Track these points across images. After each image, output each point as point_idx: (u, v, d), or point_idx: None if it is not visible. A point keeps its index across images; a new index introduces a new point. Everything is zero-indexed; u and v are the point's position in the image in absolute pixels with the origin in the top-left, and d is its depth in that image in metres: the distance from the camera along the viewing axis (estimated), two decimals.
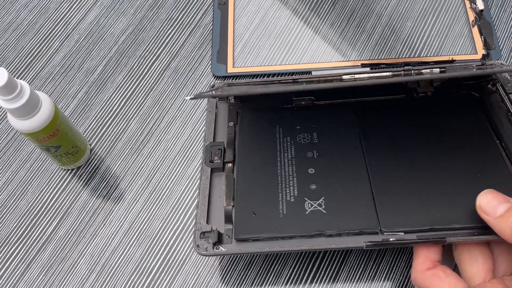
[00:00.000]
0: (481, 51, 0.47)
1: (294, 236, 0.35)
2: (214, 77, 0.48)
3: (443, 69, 0.42)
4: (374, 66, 0.47)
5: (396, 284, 0.38)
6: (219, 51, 0.48)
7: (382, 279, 0.38)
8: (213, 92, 0.42)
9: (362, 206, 0.36)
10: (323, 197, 0.37)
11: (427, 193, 0.36)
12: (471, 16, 0.49)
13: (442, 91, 0.44)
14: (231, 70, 0.47)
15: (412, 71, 0.42)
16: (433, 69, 0.42)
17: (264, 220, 0.36)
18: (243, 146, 0.40)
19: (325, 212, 0.36)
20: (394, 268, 0.39)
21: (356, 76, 0.42)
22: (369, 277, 0.38)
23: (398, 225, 0.35)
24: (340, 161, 0.39)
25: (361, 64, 0.47)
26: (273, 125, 0.41)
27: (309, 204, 0.36)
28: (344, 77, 0.42)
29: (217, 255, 0.35)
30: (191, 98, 0.36)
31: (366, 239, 0.34)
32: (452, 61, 0.45)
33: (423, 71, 0.42)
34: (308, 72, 0.47)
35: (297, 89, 0.40)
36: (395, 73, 0.43)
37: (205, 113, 0.45)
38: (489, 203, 0.32)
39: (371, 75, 0.42)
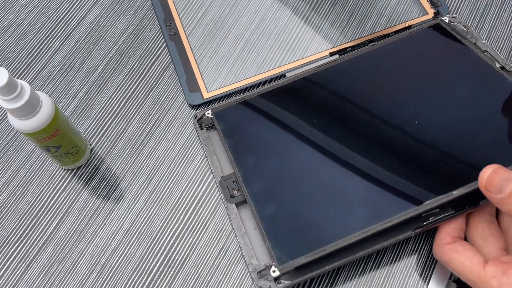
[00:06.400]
0: (431, 11, 0.49)
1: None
2: (192, 107, 0.46)
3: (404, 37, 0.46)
4: (341, 52, 0.48)
5: (396, 284, 0.38)
6: (188, 80, 0.47)
7: (382, 279, 0.38)
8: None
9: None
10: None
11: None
12: None
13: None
14: (207, 95, 0.46)
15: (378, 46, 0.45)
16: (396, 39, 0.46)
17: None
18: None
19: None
20: (394, 268, 0.39)
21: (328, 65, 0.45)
22: (369, 277, 0.39)
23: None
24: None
25: (329, 53, 0.48)
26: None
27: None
28: (317, 69, 0.45)
29: None
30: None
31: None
32: (409, 27, 0.47)
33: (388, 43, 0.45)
34: (283, 75, 0.47)
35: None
36: (363, 52, 0.45)
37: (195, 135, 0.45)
38: (493, 181, 0.31)
39: (341, 60, 0.45)
